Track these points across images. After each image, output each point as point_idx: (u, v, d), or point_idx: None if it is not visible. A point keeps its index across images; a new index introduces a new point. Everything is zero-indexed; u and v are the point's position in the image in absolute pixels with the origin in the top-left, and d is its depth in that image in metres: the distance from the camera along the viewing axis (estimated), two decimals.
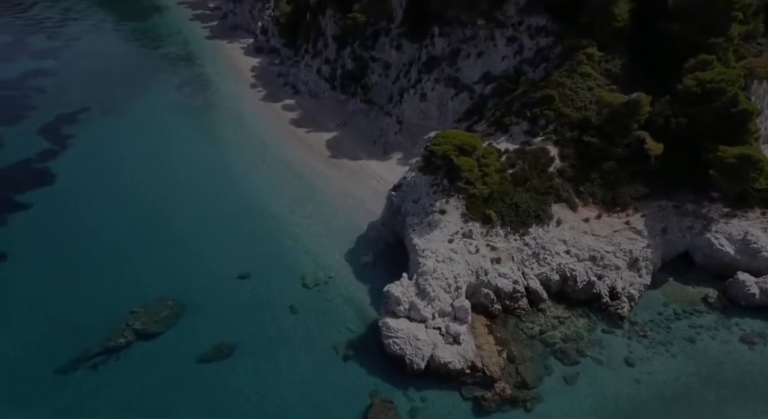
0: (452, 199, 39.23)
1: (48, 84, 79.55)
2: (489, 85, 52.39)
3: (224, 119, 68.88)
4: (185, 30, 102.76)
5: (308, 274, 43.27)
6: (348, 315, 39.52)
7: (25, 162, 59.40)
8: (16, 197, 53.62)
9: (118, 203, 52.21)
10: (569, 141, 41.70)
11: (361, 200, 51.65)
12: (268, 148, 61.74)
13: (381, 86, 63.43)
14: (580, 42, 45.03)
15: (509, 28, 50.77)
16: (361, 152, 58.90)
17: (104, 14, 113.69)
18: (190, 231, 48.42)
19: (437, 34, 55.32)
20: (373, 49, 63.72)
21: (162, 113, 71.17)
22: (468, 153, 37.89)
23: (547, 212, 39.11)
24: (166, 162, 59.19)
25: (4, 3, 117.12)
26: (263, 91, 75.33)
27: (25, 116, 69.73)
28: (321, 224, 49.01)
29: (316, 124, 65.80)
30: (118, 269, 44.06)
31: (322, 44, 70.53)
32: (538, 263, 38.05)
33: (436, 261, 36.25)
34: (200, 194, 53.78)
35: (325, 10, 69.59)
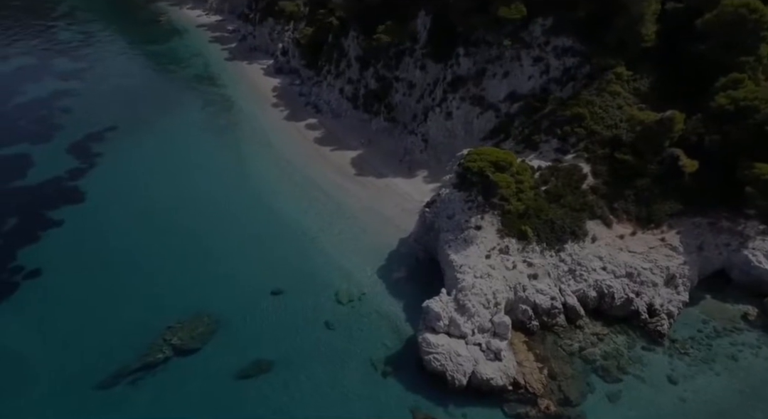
0: (487, 215, 39.53)
1: (74, 104, 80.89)
2: (515, 104, 53.11)
3: (248, 138, 69.81)
4: (205, 52, 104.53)
5: (341, 290, 43.48)
6: (384, 331, 39.59)
7: (55, 180, 60.27)
8: (48, 213, 54.33)
9: (148, 220, 52.77)
10: (601, 158, 42.13)
11: (389, 217, 52.05)
12: (294, 166, 62.44)
13: (405, 105, 64.33)
14: (608, 62, 45.78)
15: (535, 49, 51.66)
16: (386, 170, 59.50)
17: (125, 37, 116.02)
18: (221, 247, 48.88)
19: (463, 55, 56.28)
20: (396, 70, 64.81)
21: (187, 132, 72.27)
22: (504, 169, 38.33)
23: (582, 228, 39.31)
24: (194, 180, 59.91)
25: (29, 26, 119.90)
26: (285, 111, 76.43)
27: (54, 135, 70.92)
28: (351, 240, 49.35)
29: (339, 142, 66.61)
30: (151, 284, 44.44)
31: (344, 65, 71.78)
32: (575, 279, 38.11)
33: (475, 277, 36.40)
34: (229, 211, 54.37)
35: (348, 32, 71.02)
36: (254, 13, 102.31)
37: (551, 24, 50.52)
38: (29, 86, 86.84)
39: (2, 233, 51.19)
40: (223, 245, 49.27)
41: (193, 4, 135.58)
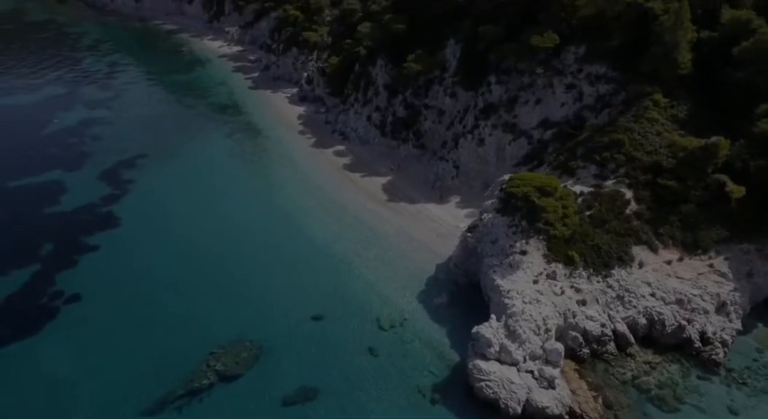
0: (532, 240, 39.43)
1: (103, 132, 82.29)
2: (548, 130, 53.57)
3: (277, 165, 70.56)
4: (229, 81, 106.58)
5: (382, 316, 43.18)
6: (429, 358, 39.10)
7: (89, 206, 60.88)
8: (85, 239, 54.70)
9: (184, 245, 52.99)
10: (643, 184, 42.16)
11: (424, 242, 52.04)
12: (324, 192, 62.87)
13: (434, 132, 65.04)
14: (644, 88, 46.27)
15: (568, 76, 52.40)
16: (418, 196, 59.76)
17: (149, 67, 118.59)
18: (258, 273, 48.87)
19: (494, 82, 57.15)
20: (425, 97, 65.81)
21: (216, 159, 73.15)
22: (549, 194, 38.40)
23: (629, 253, 39.08)
24: (227, 206, 60.37)
25: (57, 57, 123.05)
26: (312, 138, 77.40)
27: (85, 163, 71.96)
28: (388, 266, 49.25)
29: (369, 168, 67.17)
30: (191, 310, 44.32)
31: (372, 93, 72.96)
32: (623, 306, 37.67)
33: (524, 302, 36.06)
34: (263, 236, 54.56)
35: (376, 61, 72.43)
36: (277, 44, 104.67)
37: (584, 52, 51.34)
38: (59, 115, 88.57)
39: (40, 258, 51.46)
40: (259, 270, 49.29)
41: (213, 35, 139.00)
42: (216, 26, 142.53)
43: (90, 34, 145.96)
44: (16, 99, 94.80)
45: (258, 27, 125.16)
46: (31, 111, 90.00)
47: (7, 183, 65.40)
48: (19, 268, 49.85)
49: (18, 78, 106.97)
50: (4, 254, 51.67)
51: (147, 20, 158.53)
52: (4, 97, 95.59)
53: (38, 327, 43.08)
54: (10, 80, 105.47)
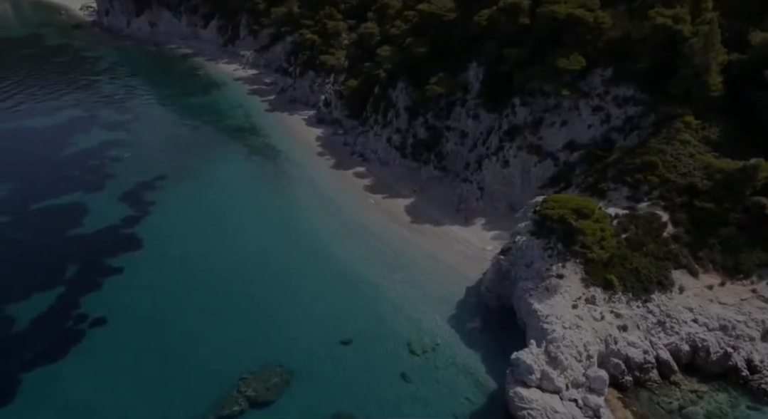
0: (569, 263, 38.75)
1: (122, 154, 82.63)
2: (575, 152, 53.29)
3: (298, 186, 70.45)
4: (245, 104, 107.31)
5: (414, 340, 42.35)
6: (465, 384, 38.16)
7: (111, 228, 60.69)
8: (108, 261, 54.39)
9: (208, 268, 52.54)
10: (680, 206, 41.56)
11: (451, 265, 51.38)
12: (347, 214, 62.53)
13: (456, 154, 64.89)
14: (675, 110, 46.04)
15: (594, 98, 52.33)
16: (442, 218, 59.28)
17: (166, 90, 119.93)
18: (284, 295, 48.30)
19: (519, 104, 57.14)
20: (447, 119, 65.88)
21: (237, 180, 73.17)
22: (586, 217, 37.86)
23: (669, 278, 38.28)
24: (250, 228, 60.08)
25: (74, 81, 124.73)
26: (332, 160, 77.40)
27: (106, 184, 72.07)
28: (416, 289, 48.54)
29: (390, 190, 66.89)
30: (218, 333, 43.66)
31: (392, 115, 73.16)
32: (665, 332, 36.72)
33: (563, 328, 35.20)
34: (288, 258, 54.07)
35: (396, 84, 72.82)
36: (294, 67, 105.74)
37: (611, 74, 51.34)
38: (79, 137, 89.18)
39: (64, 281, 51.11)
40: (285, 293, 48.74)
41: (228, 58, 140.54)
42: (231, 50, 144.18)
43: (106, 58, 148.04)
44: (36, 122, 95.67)
45: (273, 51, 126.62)
46: (51, 133, 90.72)
47: (29, 205, 65.47)
48: (44, 291, 49.49)
49: (38, 101, 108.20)
50: (29, 277, 51.36)
51: (162, 44, 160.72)
52: (25, 120, 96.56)
53: (63, 351, 42.55)
54: (30, 103, 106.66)
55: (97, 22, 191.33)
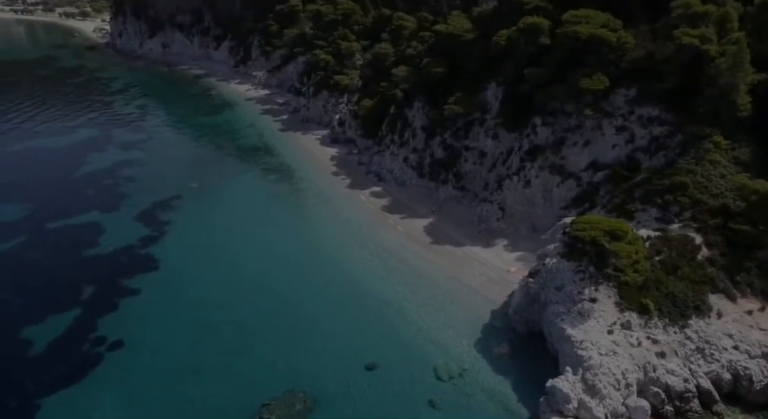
0: (602, 286, 37.68)
1: (137, 173, 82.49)
2: (598, 172, 52.56)
3: (315, 206, 69.87)
4: (258, 123, 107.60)
5: (440, 366, 41.09)
6: (495, 412, 36.81)
7: (128, 248, 60.05)
8: (125, 282, 53.60)
9: (226, 291, 51.61)
10: (713, 228, 40.58)
11: (475, 287, 50.31)
12: (365, 234, 61.74)
13: (475, 174, 64.30)
14: (703, 130, 45.39)
15: (618, 118, 51.82)
16: (462, 238, 58.35)
17: (179, 110, 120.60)
18: (306, 319, 47.21)
19: (540, 124, 56.67)
20: (465, 139, 65.48)
21: (252, 200, 72.74)
22: (619, 239, 36.92)
23: (706, 302, 37.11)
24: (267, 248, 59.30)
25: (89, 102, 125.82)
26: (347, 179, 76.93)
27: (122, 204, 71.70)
28: (439, 311, 47.43)
29: (408, 210, 66.17)
30: (238, 358, 42.56)
31: (409, 134, 72.89)
32: (705, 359, 35.41)
33: (600, 354, 33.99)
34: (307, 279, 53.12)
35: (413, 103, 72.71)
36: (307, 87, 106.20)
37: (635, 94, 50.91)
38: (94, 156, 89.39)
39: (81, 303, 50.27)
40: (306, 315, 47.67)
41: (240, 79, 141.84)
42: (242, 71, 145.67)
43: (120, 78, 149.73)
44: (52, 142, 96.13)
45: (285, 71, 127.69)
46: (67, 153, 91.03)
47: (45, 225, 65.05)
48: (61, 313, 48.60)
49: (53, 121, 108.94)
50: (45, 299, 50.57)
51: (174, 65, 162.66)
52: (41, 140, 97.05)
53: (81, 375, 41.41)
54: (45, 123, 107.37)
55: (110, 44, 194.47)
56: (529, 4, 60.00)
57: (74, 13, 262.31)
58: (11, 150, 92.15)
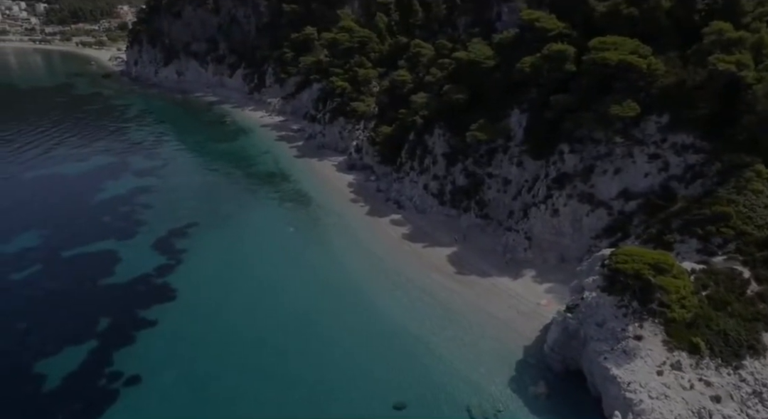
0: (647, 323, 35.64)
1: (153, 200, 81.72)
2: (630, 201, 50.92)
3: (334, 233, 68.44)
4: (273, 150, 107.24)
5: (473, 405, 38.98)
6: None
7: (144, 277, 58.73)
8: (141, 313, 52.07)
9: (246, 322, 49.96)
10: (761, 262, 38.59)
11: (505, 320, 48.28)
12: (387, 263, 60.06)
13: (499, 201, 62.84)
14: (742, 159, 43.85)
15: (650, 146, 50.42)
16: (488, 268, 56.54)
17: (194, 137, 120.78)
18: (329, 353, 45.30)
19: (567, 151, 55.36)
20: (488, 166, 64.22)
21: (270, 228, 71.52)
22: (665, 272, 35.03)
23: (761, 342, 34.91)
24: (287, 278, 57.75)
25: (105, 128, 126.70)
26: (366, 206, 75.68)
27: (137, 231, 70.70)
28: (469, 347, 45.38)
29: (430, 238, 64.54)
30: (260, 394, 40.70)
31: (429, 161, 71.80)
32: (762, 404, 33.01)
33: (650, 397, 31.77)
34: (330, 312, 51.36)
35: (433, 130, 71.85)
36: (323, 114, 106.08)
37: (667, 121, 49.62)
38: (110, 183, 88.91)
39: (96, 335, 48.71)
40: (329, 350, 45.75)
41: (254, 106, 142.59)
42: (256, 98, 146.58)
43: (135, 105, 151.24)
44: (68, 168, 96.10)
45: (300, 98, 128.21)
46: (83, 180, 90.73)
47: (61, 253, 64.00)
48: (75, 345, 47.02)
49: (70, 147, 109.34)
50: (60, 330, 49.08)
51: (188, 92, 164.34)
52: (57, 166, 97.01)
53: (97, 412, 39.59)
54: (62, 150, 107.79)
55: (125, 72, 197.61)
56: (553, 31, 59.40)
57: (90, 43, 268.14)
58: (29, 176, 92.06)
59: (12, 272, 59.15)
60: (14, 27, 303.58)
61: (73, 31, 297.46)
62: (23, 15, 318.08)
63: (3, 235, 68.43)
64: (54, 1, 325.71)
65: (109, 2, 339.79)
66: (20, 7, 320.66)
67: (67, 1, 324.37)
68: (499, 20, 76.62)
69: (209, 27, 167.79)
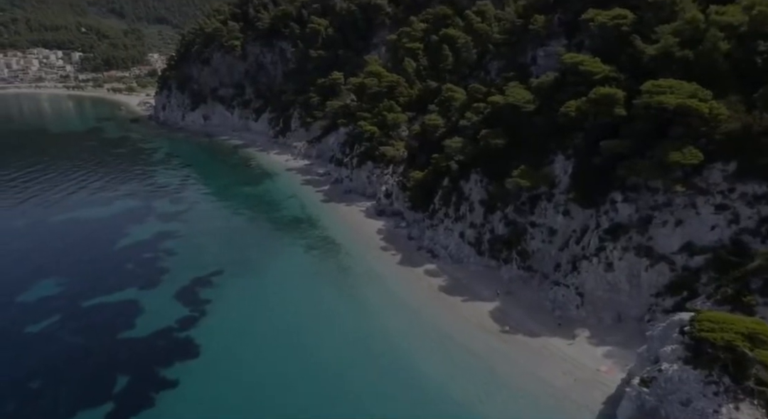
0: (743, 404, 30.70)
1: (177, 246, 79.38)
2: (696, 256, 46.44)
3: (365, 284, 64.63)
4: (299, 194, 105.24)
5: None
6: None
7: (166, 331, 55.37)
8: (162, 371, 48.42)
9: (274, 382, 46.00)
10: None
11: (561, 388, 43.33)
12: (423, 318, 55.87)
13: (544, 253, 58.68)
14: None
15: (716, 196, 46.34)
16: (537, 327, 51.86)
17: (220, 180, 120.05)
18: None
19: (620, 200, 51.51)
20: (531, 214, 60.50)
21: (297, 277, 68.11)
22: (764, 344, 30.35)
23: None
24: (317, 333, 53.78)
25: (130, 171, 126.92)
26: (398, 255, 72.00)
27: (161, 280, 67.94)
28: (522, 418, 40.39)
29: (469, 292, 60.29)
30: None
31: (465, 208, 68.41)
32: None
33: None
34: (364, 371, 47.16)
35: (470, 176, 68.82)
36: (350, 157, 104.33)
37: (735, 169, 45.70)
38: (133, 228, 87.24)
39: (114, 396, 45.02)
40: (364, 416, 41.12)
41: (279, 149, 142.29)
42: (281, 141, 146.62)
43: (162, 149, 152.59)
44: (93, 212, 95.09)
45: (326, 142, 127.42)
46: (107, 224, 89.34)
47: (80, 303, 61.20)
48: (91, 409, 43.45)
49: (96, 191, 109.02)
50: (74, 393, 45.52)
51: (214, 136, 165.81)
52: (83, 210, 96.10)
53: None
54: (88, 193, 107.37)
55: (153, 116, 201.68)
56: (599, 75, 56.75)
57: (121, 89, 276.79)
58: (54, 220, 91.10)
59: (28, 324, 56.28)
60: (50, 74, 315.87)
61: (105, 78, 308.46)
62: (59, 63, 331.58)
63: (23, 282, 66.20)
64: (89, 50, 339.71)
65: (141, 50, 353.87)
66: (57, 56, 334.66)
67: (101, 50, 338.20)
68: (534, 64, 74.65)
69: (236, 72, 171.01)
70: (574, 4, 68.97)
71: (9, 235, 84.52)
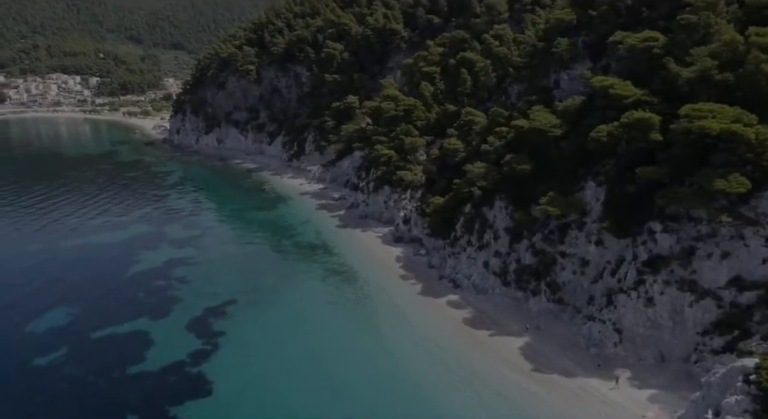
0: None
1: (190, 273, 77.03)
2: (746, 291, 43.11)
3: (385, 316, 61.58)
4: (314, 219, 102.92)
5: None
6: None
7: (177, 365, 52.65)
8: (172, 411, 45.70)
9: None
10: None
11: None
12: (447, 353, 52.72)
13: (576, 285, 55.48)
14: None
15: (766, 227, 43.20)
16: (572, 366, 48.42)
17: (233, 204, 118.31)
18: None
19: (660, 230, 48.47)
20: (561, 244, 57.51)
21: (313, 307, 65.30)
22: None
23: None
24: (335, 369, 50.76)
25: (144, 196, 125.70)
26: (418, 284, 69.02)
27: (172, 309, 65.51)
28: None
29: (496, 325, 57.06)
30: None
31: (489, 236, 65.58)
32: None
33: None
34: (384, 412, 43.69)
35: (494, 203, 66.16)
36: (366, 182, 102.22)
37: None
38: (145, 254, 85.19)
39: None
40: None
41: (293, 173, 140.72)
42: (295, 165, 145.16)
43: (175, 172, 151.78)
44: (106, 237, 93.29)
45: (340, 166, 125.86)
46: (119, 250, 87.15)
47: (89, 334, 58.81)
48: None
49: (108, 216, 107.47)
50: None
51: (228, 159, 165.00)
52: (94, 235, 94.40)
53: None
54: (100, 218, 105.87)
55: (168, 140, 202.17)
56: (630, 98, 54.31)
57: (136, 112, 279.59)
58: (65, 245, 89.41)
59: (35, 357, 53.84)
60: (68, 99, 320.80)
61: (121, 102, 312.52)
62: (77, 88, 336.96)
63: (31, 312, 63.98)
64: (106, 75, 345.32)
65: (156, 75, 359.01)
66: (75, 81, 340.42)
67: (118, 75, 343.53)
68: (558, 87, 72.53)
69: (251, 96, 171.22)
70: (600, 26, 67.15)
71: (23, 261, 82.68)
